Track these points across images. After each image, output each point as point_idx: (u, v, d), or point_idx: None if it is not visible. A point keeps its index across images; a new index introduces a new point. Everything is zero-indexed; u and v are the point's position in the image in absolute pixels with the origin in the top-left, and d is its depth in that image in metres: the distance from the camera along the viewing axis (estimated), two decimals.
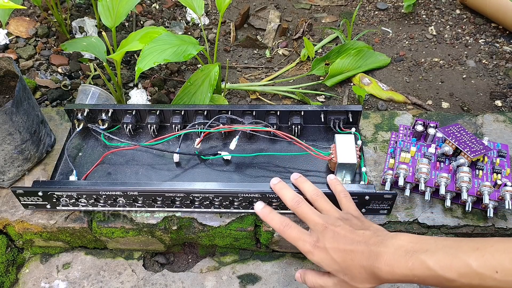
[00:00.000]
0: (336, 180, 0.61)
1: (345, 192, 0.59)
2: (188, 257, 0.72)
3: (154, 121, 0.71)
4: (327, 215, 0.54)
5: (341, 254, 0.50)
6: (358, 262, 0.49)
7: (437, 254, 0.46)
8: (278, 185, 0.59)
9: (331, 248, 0.50)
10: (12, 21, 1.01)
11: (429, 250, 0.46)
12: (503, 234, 0.63)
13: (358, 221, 0.54)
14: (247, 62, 1.00)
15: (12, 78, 0.67)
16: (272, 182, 0.60)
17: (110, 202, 0.63)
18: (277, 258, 0.69)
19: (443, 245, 0.46)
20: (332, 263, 0.50)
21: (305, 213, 0.55)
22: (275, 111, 0.71)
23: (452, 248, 0.46)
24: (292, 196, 0.57)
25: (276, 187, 0.59)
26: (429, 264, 0.45)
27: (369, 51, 0.94)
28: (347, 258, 0.49)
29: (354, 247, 0.50)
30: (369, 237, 0.50)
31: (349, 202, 0.57)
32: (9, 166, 0.66)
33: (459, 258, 0.45)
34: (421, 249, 0.47)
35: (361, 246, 0.49)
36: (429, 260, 0.45)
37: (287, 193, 0.58)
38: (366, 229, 0.52)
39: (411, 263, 0.46)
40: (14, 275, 0.68)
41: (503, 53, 0.97)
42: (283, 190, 0.58)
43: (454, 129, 0.65)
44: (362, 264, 0.48)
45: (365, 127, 0.75)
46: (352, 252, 0.49)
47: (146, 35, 0.73)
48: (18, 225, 0.66)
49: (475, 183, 0.62)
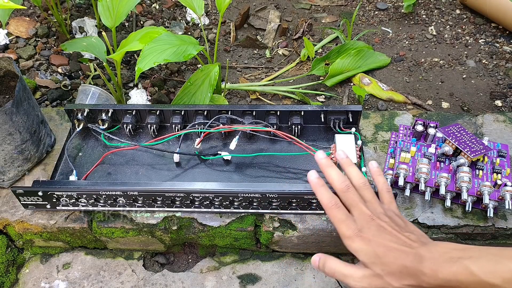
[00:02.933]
0: (379, 170, 0.59)
1: (388, 186, 0.57)
2: (188, 257, 0.72)
3: (154, 121, 0.71)
4: (371, 206, 0.54)
5: (384, 250, 0.50)
6: (401, 261, 0.49)
7: (481, 260, 0.46)
8: (324, 161, 0.56)
9: (375, 241, 0.50)
10: (12, 21, 1.02)
11: (472, 256, 0.47)
12: (503, 234, 0.63)
13: (401, 221, 0.54)
14: (247, 62, 1.00)
15: (12, 78, 0.67)
16: (318, 156, 0.57)
17: (110, 202, 0.63)
18: (277, 258, 0.69)
19: (486, 253, 0.47)
20: (371, 255, 0.50)
21: (353, 200, 0.53)
22: (275, 111, 0.71)
23: (496, 255, 0.46)
24: (342, 179, 0.55)
25: (322, 163, 0.56)
26: (473, 269, 0.46)
27: (369, 51, 0.94)
28: (390, 255, 0.49)
29: (398, 246, 0.50)
30: (414, 240, 0.51)
31: (392, 198, 0.57)
32: (9, 166, 0.66)
33: (503, 264, 0.45)
34: (465, 256, 0.47)
35: (406, 247, 0.50)
36: (473, 266, 0.46)
37: (335, 174, 0.55)
38: (411, 232, 0.52)
39: (455, 268, 0.47)
40: (14, 275, 0.68)
41: (503, 53, 0.97)
42: (329, 169, 0.56)
43: (454, 129, 0.65)
44: (405, 264, 0.49)
45: (365, 127, 0.75)
46: (396, 251, 0.49)
47: (146, 35, 0.73)
48: (18, 225, 0.66)
49: (475, 183, 0.62)
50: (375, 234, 0.51)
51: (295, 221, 0.64)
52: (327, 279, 0.66)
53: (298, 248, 0.68)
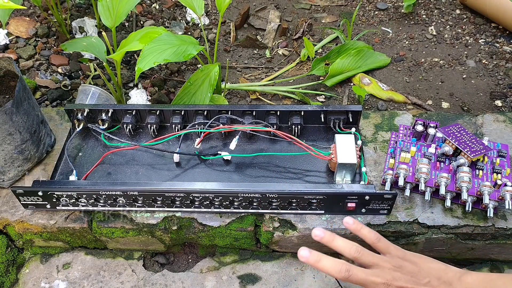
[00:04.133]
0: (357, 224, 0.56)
1: (376, 235, 0.55)
2: (188, 257, 0.72)
3: (154, 121, 0.71)
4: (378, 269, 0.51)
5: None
6: None
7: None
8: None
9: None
10: (12, 21, 1.02)
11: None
12: (503, 234, 0.63)
13: (411, 264, 0.52)
14: (247, 62, 1.00)
15: (12, 78, 0.67)
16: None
17: (110, 202, 0.63)
18: (277, 258, 0.69)
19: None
20: None
21: (360, 279, 0.50)
22: (275, 111, 0.71)
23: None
24: (338, 267, 0.51)
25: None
26: None
27: (369, 51, 0.94)
28: None
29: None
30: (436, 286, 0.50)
31: (387, 244, 0.55)
32: (9, 166, 0.66)
33: None
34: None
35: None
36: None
37: (328, 263, 0.51)
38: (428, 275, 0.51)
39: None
40: (14, 275, 0.68)
41: (503, 53, 0.97)
42: (322, 262, 0.52)
43: (454, 129, 0.65)
44: None
45: (365, 127, 0.75)
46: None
47: (146, 35, 0.73)
48: (18, 225, 0.66)
49: (475, 183, 0.62)
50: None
51: (295, 221, 0.64)
52: (327, 279, 0.66)
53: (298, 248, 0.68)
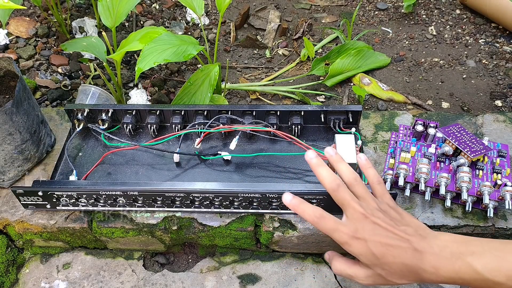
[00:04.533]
0: (368, 162, 0.57)
1: (379, 178, 0.55)
2: (188, 257, 0.72)
3: (154, 121, 0.71)
4: (364, 203, 0.52)
5: (381, 249, 0.48)
6: (400, 259, 0.48)
7: (484, 257, 0.45)
8: (314, 161, 0.53)
9: (371, 241, 0.49)
10: (12, 21, 1.02)
11: (475, 252, 0.46)
12: (503, 234, 0.63)
13: (396, 213, 0.52)
14: (247, 62, 1.00)
15: (12, 78, 0.67)
16: (309, 156, 0.54)
17: (110, 202, 0.63)
18: (277, 258, 0.69)
19: (489, 247, 0.46)
20: (371, 256, 0.49)
21: (344, 199, 0.51)
22: (275, 111, 0.71)
23: (500, 251, 0.45)
24: (332, 178, 0.52)
25: (312, 163, 0.54)
26: (476, 267, 0.45)
27: (369, 51, 0.94)
28: (388, 253, 0.48)
29: (396, 243, 0.48)
30: (412, 235, 0.49)
31: (384, 190, 0.55)
32: (9, 166, 0.66)
33: (508, 261, 0.44)
34: (467, 251, 0.46)
35: (404, 243, 0.48)
36: (477, 263, 0.45)
37: (325, 172, 0.52)
38: (407, 225, 0.50)
39: (458, 265, 0.45)
40: (14, 275, 0.68)
41: (503, 53, 0.97)
42: (320, 168, 0.53)
43: (454, 129, 0.65)
44: (405, 262, 0.48)
45: (365, 127, 0.75)
46: (394, 248, 0.48)
47: (146, 35, 0.73)
48: (18, 225, 0.66)
49: (475, 183, 0.62)
50: (370, 234, 0.49)
51: (295, 221, 0.64)
52: (327, 279, 0.66)
53: (298, 248, 0.68)
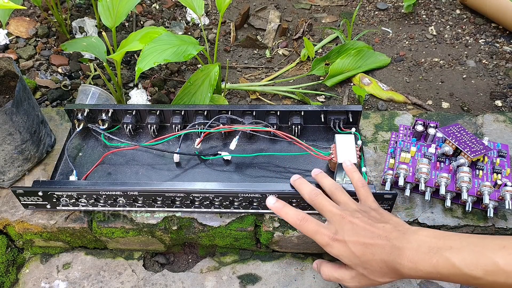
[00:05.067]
0: (353, 167, 0.59)
1: (362, 181, 0.57)
2: (188, 257, 0.72)
3: (154, 121, 0.71)
4: (344, 206, 0.53)
5: (360, 248, 0.49)
6: (379, 256, 0.48)
7: (462, 252, 0.45)
8: (298, 181, 0.58)
9: (350, 241, 0.49)
10: (12, 21, 1.02)
11: (453, 247, 0.46)
12: (503, 234, 0.63)
13: (376, 213, 0.53)
14: (247, 62, 1.00)
15: (12, 78, 0.67)
16: (293, 179, 0.59)
17: (110, 202, 0.63)
18: (277, 258, 0.69)
19: (467, 242, 0.46)
20: (351, 256, 0.49)
21: (322, 205, 0.53)
22: (275, 111, 0.71)
23: (478, 246, 0.45)
24: (310, 189, 0.56)
25: (296, 183, 0.58)
26: (454, 261, 0.45)
27: (369, 51, 0.94)
28: (367, 252, 0.48)
29: (374, 240, 0.49)
30: (390, 231, 0.49)
31: (367, 193, 0.56)
32: (9, 166, 0.66)
33: (485, 256, 0.44)
34: (445, 246, 0.46)
35: (382, 240, 0.48)
36: (454, 258, 0.45)
37: (305, 187, 0.57)
38: (386, 222, 0.51)
39: (436, 260, 0.45)
40: (14, 275, 0.68)
41: (503, 53, 0.97)
42: (302, 185, 0.57)
43: (454, 129, 0.65)
44: (384, 259, 0.48)
45: (365, 127, 0.75)
46: (372, 246, 0.48)
47: (146, 35, 0.73)
48: (18, 225, 0.66)
49: (475, 183, 0.62)
50: (349, 234, 0.50)
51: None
52: None
53: (298, 248, 0.68)
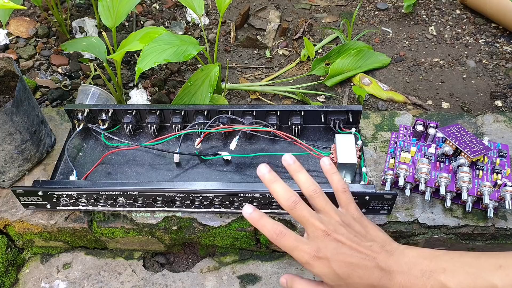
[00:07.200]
0: (332, 167, 0.52)
1: (343, 185, 0.51)
2: (188, 257, 0.72)
3: (154, 121, 0.71)
4: (326, 217, 0.48)
5: (346, 269, 0.45)
6: (367, 280, 0.45)
7: (457, 275, 0.43)
8: (267, 177, 0.49)
9: (335, 261, 0.45)
10: (12, 21, 1.02)
11: (447, 269, 0.43)
12: (504, 234, 0.63)
13: (360, 226, 0.49)
14: (247, 62, 1.00)
15: (12, 78, 0.67)
16: (261, 171, 0.49)
17: (110, 202, 0.63)
18: (277, 258, 0.69)
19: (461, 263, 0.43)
20: (334, 277, 0.46)
21: (303, 216, 0.48)
22: (275, 111, 0.71)
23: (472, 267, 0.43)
24: (287, 195, 0.48)
25: (265, 179, 0.49)
26: (450, 286, 0.42)
27: (369, 51, 0.94)
28: (354, 274, 0.45)
29: (361, 262, 0.45)
30: (378, 252, 0.46)
31: (349, 199, 0.51)
32: (9, 166, 0.66)
33: (482, 278, 0.42)
34: (438, 269, 0.44)
35: (370, 262, 0.45)
36: (450, 282, 0.42)
37: (280, 189, 0.49)
38: (373, 241, 0.47)
39: (430, 285, 0.43)
40: (14, 275, 0.68)
41: (503, 53, 0.97)
42: (274, 185, 0.49)
43: (454, 129, 0.65)
44: (372, 284, 0.45)
45: (365, 127, 0.75)
46: (359, 269, 0.45)
47: (146, 35, 0.73)
48: (18, 225, 0.66)
49: (475, 183, 0.62)
50: (333, 253, 0.45)
51: (295, 221, 0.64)
52: None
53: None
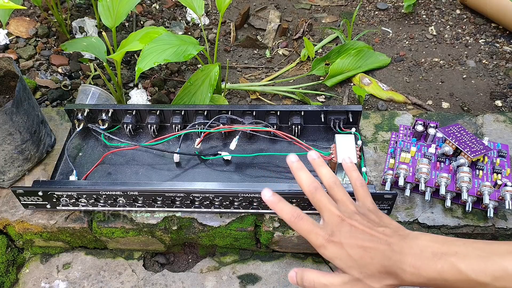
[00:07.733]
0: (353, 165, 0.55)
1: (361, 180, 0.53)
2: (188, 257, 0.72)
3: (154, 121, 0.71)
4: (342, 206, 0.50)
5: (358, 251, 0.46)
6: (379, 261, 0.46)
7: (468, 258, 0.43)
8: (295, 165, 0.53)
9: (348, 244, 0.47)
10: (12, 21, 1.02)
11: (459, 252, 0.44)
12: (503, 234, 0.63)
13: (375, 216, 0.50)
14: (247, 62, 1.00)
15: (12, 78, 0.67)
16: (290, 159, 0.53)
17: (110, 202, 0.63)
18: (277, 258, 0.69)
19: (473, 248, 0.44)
20: (347, 259, 0.47)
21: (321, 202, 0.50)
22: (275, 111, 0.71)
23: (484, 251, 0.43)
24: (310, 181, 0.51)
25: (293, 167, 0.53)
26: (460, 267, 0.43)
27: (369, 51, 0.94)
28: (366, 256, 0.46)
29: (374, 244, 0.46)
30: (390, 235, 0.47)
31: (366, 193, 0.53)
32: (9, 166, 0.66)
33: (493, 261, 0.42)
34: (450, 251, 0.44)
35: (382, 244, 0.46)
36: (461, 263, 0.43)
37: (304, 176, 0.52)
38: (386, 227, 0.49)
39: (440, 265, 0.44)
40: (14, 275, 0.68)
41: (503, 53, 0.97)
42: (300, 172, 0.52)
43: (454, 129, 0.65)
44: (384, 264, 0.46)
45: (365, 127, 0.75)
46: (372, 250, 0.46)
47: (146, 35, 0.73)
48: (18, 225, 0.66)
49: (475, 183, 0.62)
50: (346, 236, 0.47)
51: None
52: None
53: (298, 248, 0.68)
